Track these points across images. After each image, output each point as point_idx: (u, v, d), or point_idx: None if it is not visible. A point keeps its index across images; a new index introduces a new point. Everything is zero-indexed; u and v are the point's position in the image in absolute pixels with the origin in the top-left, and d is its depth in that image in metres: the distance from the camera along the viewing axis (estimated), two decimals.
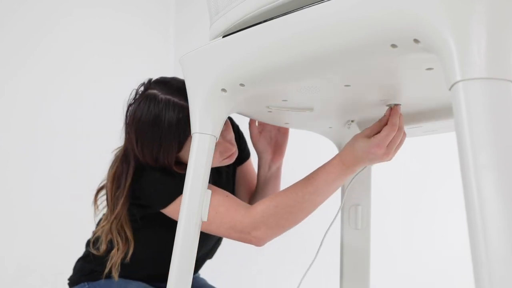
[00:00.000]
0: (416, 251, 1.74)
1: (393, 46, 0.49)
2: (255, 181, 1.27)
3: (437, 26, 0.43)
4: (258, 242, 0.94)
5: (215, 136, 0.75)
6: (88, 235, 1.19)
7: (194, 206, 0.74)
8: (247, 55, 0.66)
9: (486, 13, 0.40)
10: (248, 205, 0.97)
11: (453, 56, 0.41)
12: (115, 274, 1.04)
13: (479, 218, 0.37)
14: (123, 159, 1.03)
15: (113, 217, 1.02)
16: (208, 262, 1.25)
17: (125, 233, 1.04)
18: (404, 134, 0.86)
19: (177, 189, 0.98)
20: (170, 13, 2.71)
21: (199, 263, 1.22)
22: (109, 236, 1.04)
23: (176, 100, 0.97)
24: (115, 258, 1.04)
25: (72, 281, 1.15)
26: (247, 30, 0.66)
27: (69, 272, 1.18)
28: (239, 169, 1.26)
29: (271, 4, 0.61)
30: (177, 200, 0.97)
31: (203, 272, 1.33)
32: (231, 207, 0.93)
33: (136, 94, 1.03)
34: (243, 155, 1.25)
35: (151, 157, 0.99)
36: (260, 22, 0.64)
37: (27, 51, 2.08)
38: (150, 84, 1.02)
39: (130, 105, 1.03)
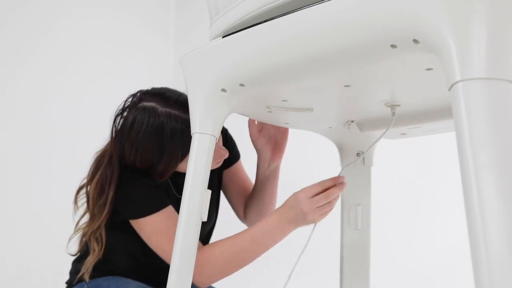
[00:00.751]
0: (416, 251, 1.74)
1: (393, 46, 0.49)
2: (247, 183, 1.27)
3: (437, 26, 0.43)
4: (199, 285, 0.97)
5: (215, 136, 0.75)
6: None
7: (194, 206, 0.74)
8: (247, 55, 0.66)
9: (486, 13, 0.40)
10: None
11: (452, 56, 0.41)
12: (86, 276, 1.05)
13: (479, 218, 0.37)
14: (107, 166, 1.03)
15: (96, 225, 1.02)
16: None
17: (101, 237, 1.04)
18: (330, 208, 0.93)
19: (157, 204, 1.01)
20: (170, 13, 2.71)
21: None
22: (85, 239, 1.05)
23: (176, 113, 0.98)
24: (89, 264, 1.04)
25: (70, 283, 1.14)
26: (247, 30, 0.66)
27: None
28: (227, 172, 1.26)
29: (271, 4, 0.61)
30: (155, 215, 0.99)
31: None
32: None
33: (124, 105, 1.04)
34: (231, 157, 1.25)
35: (146, 165, 1.01)
36: (260, 22, 0.64)
37: (27, 51, 2.08)
38: (143, 96, 1.02)
39: (118, 115, 1.04)
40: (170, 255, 0.95)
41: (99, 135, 1.13)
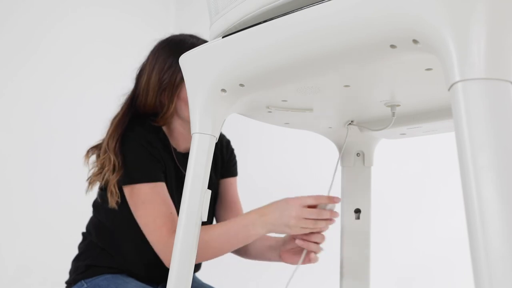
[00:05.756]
0: (416, 251, 1.74)
1: (392, 46, 0.49)
2: (234, 201, 1.25)
3: (436, 26, 0.43)
4: (168, 262, 0.98)
5: (215, 136, 0.75)
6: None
7: (194, 206, 0.74)
8: (247, 55, 0.66)
9: (486, 13, 0.40)
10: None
11: (452, 56, 0.41)
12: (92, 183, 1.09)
13: (479, 219, 0.37)
14: (120, 119, 1.09)
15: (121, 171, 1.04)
16: (205, 262, 1.25)
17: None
18: (313, 227, 0.92)
19: (156, 175, 1.03)
20: (170, 13, 2.71)
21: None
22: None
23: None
24: (103, 176, 1.05)
25: (69, 282, 1.14)
26: (247, 30, 0.66)
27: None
28: (221, 182, 1.25)
29: (271, 5, 0.61)
30: (139, 186, 1.02)
31: (201, 272, 1.33)
32: (163, 225, 0.99)
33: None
34: (232, 170, 1.25)
35: (158, 78, 1.09)
36: (260, 22, 0.64)
37: (28, 52, 2.09)
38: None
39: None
40: (151, 230, 0.99)
41: (100, 135, 1.13)
